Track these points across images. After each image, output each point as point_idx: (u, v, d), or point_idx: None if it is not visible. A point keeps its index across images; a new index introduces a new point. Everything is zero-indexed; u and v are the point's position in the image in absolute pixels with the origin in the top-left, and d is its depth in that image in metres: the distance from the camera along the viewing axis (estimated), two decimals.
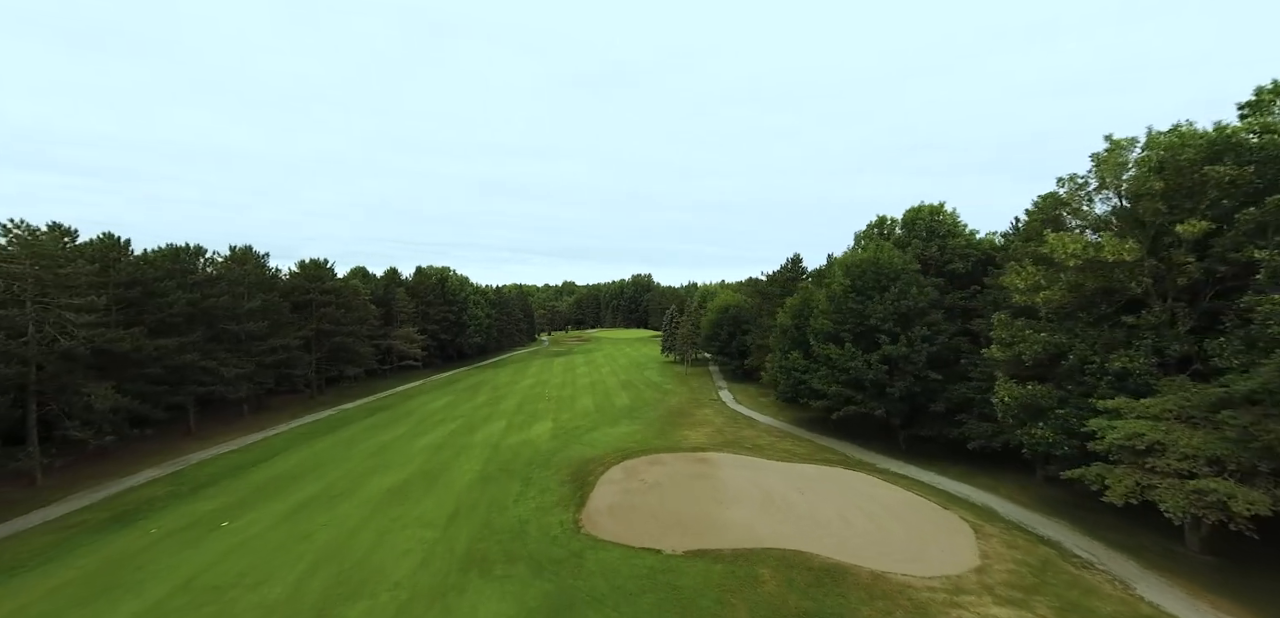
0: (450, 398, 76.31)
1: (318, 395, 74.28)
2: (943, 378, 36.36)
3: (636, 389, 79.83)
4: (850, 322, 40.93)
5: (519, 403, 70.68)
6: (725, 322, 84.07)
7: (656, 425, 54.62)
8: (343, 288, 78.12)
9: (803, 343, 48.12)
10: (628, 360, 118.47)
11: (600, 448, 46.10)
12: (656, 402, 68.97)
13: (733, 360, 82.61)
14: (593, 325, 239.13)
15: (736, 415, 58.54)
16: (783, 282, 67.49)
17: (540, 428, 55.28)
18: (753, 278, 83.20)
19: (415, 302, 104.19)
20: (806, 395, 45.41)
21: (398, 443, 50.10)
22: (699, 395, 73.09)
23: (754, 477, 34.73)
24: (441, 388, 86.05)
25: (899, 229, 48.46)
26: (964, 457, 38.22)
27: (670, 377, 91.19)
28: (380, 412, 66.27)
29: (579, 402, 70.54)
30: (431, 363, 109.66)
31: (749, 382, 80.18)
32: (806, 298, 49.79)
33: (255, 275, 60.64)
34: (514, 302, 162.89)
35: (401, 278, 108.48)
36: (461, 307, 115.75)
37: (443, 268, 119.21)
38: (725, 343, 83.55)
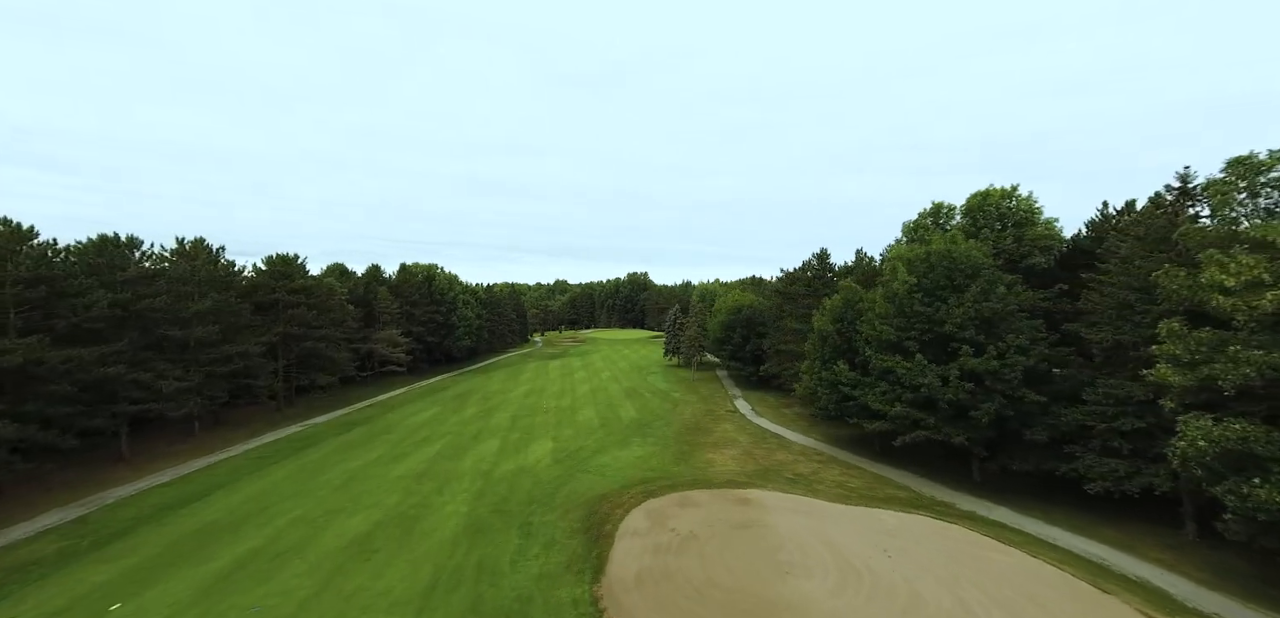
0: (436, 409, 68.10)
1: (286, 408, 65.71)
2: (1046, 399, 29.01)
3: (643, 398, 72.13)
4: (917, 328, 33.52)
5: (513, 416, 62.66)
6: (737, 324, 76.61)
7: (674, 446, 46.97)
8: (315, 287, 69.54)
9: (849, 351, 40.71)
10: (628, 364, 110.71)
11: (613, 478, 38.33)
12: (667, 414, 61.33)
13: (746, 366, 75.19)
14: (587, 325, 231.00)
15: (763, 433, 51.00)
16: (808, 281, 60.05)
17: (539, 450, 47.38)
18: (757, 276, 76.59)
19: (399, 302, 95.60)
20: (857, 414, 37.97)
21: (370, 471, 41.93)
22: (713, 406, 65.55)
23: (817, 528, 27.16)
24: (427, 397, 77.69)
25: (959, 217, 41.20)
26: (1064, 496, 30.96)
27: (677, 383, 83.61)
28: (355, 427, 57.91)
29: (581, 414, 62.67)
30: (417, 368, 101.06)
31: (766, 390, 72.79)
32: (850, 299, 42.37)
33: (206, 272, 52.04)
34: (506, 301, 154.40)
35: (384, 276, 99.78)
36: (450, 307, 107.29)
37: (429, 265, 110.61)
38: (738, 347, 76.10)
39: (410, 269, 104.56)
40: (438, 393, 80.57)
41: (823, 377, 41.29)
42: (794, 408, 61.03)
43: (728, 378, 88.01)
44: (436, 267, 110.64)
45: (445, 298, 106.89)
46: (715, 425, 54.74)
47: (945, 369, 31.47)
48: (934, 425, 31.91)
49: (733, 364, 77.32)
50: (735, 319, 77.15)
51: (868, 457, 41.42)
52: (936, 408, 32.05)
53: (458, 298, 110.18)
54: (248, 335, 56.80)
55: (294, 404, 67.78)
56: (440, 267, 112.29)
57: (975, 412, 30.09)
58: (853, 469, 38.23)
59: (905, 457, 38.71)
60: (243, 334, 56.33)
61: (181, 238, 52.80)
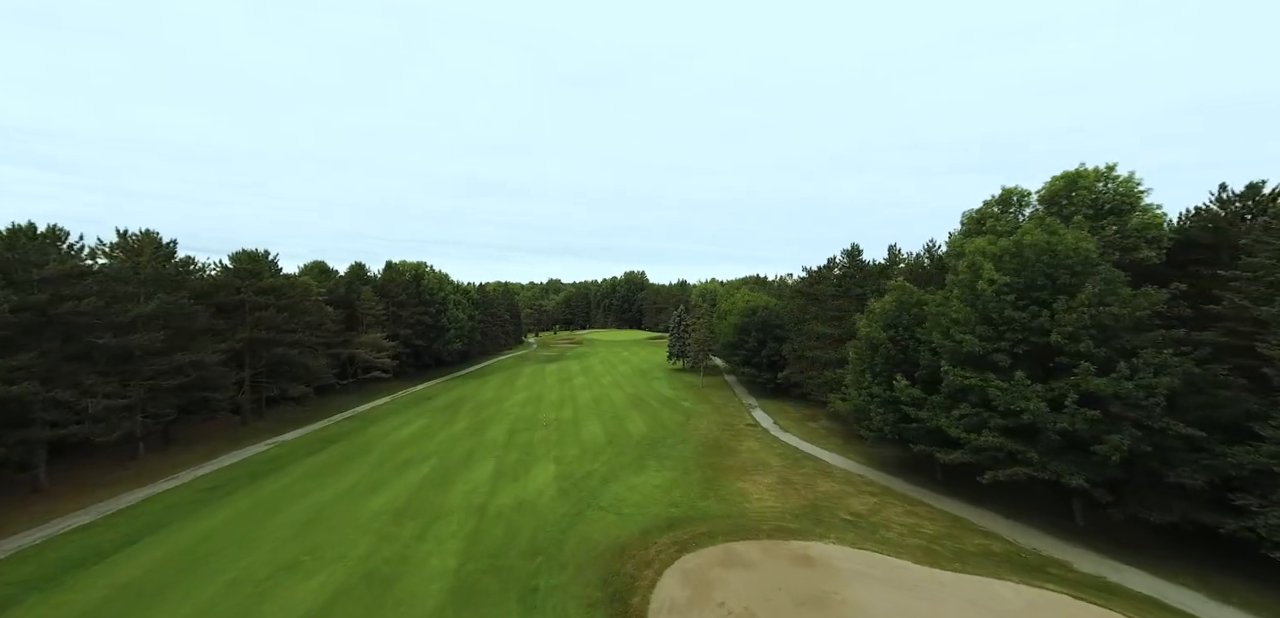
0: (423, 422, 60.92)
1: (253, 422, 58.23)
2: (1204, 434, 22.52)
3: (651, 409, 65.37)
4: (1008, 338, 27.00)
5: (509, 430, 55.63)
6: (752, 327, 70.03)
7: (696, 470, 40.27)
8: (287, 286, 62.06)
9: (906, 363, 34.17)
10: (630, 368, 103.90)
11: (632, 517, 31.56)
12: (681, 428, 54.62)
13: (761, 373, 68.62)
14: (582, 325, 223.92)
15: (794, 453, 44.38)
16: (837, 280, 53.51)
17: (540, 475, 40.47)
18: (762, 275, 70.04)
19: (384, 302, 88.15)
20: (923, 440, 31.43)
21: (340, 506, 34.83)
22: (730, 418, 58.91)
23: (915, 610, 20.48)
24: (413, 407, 70.41)
25: (1036, 205, 34.79)
26: (1223, 556, 24.59)
27: (685, 390, 76.92)
28: (329, 446, 50.63)
29: (585, 428, 55.79)
30: (404, 373, 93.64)
31: (785, 398, 66.27)
32: (904, 300, 35.82)
33: (153, 270, 44.60)
34: (499, 301, 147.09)
35: (369, 275, 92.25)
36: (439, 308, 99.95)
37: (418, 263, 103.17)
38: (753, 352, 69.52)
39: (397, 268, 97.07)
40: (426, 403, 73.29)
41: (875, 393, 34.69)
42: (820, 421, 54.54)
43: (738, 384, 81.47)
44: (425, 265, 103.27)
45: (435, 298, 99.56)
46: (738, 443, 48.08)
47: (1055, 390, 24.95)
48: (1038, 461, 25.38)
49: (746, 370, 70.69)
50: (749, 322, 70.56)
51: (928, 486, 34.91)
52: (1039, 438, 25.53)
53: (448, 298, 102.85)
54: (205, 342, 49.41)
55: (263, 418, 60.28)
56: (430, 265, 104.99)
57: (1099, 446, 23.58)
58: (918, 506, 31.65)
59: (979, 488, 32.17)
60: (199, 341, 48.96)
61: (124, 230, 45.32)
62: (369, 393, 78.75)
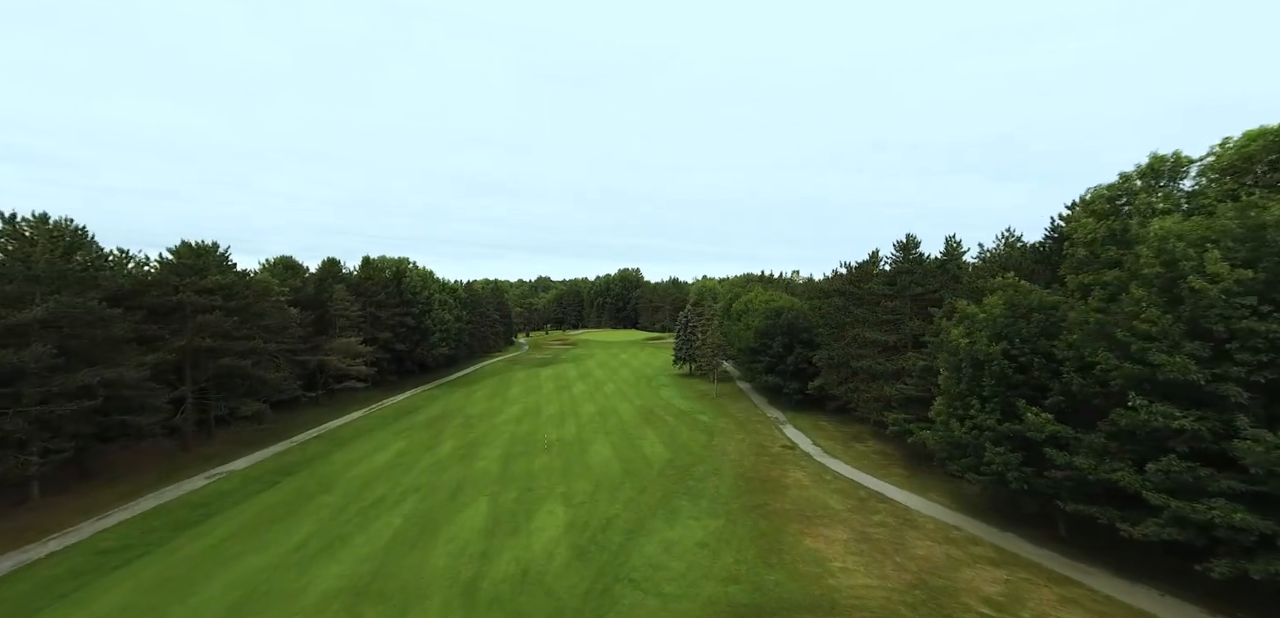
0: (402, 443, 51.71)
1: (197, 446, 48.53)
2: None
3: (665, 424, 56.80)
4: (1243, 360, 18.77)
5: (504, 455, 46.70)
6: (777, 332, 61.76)
7: (743, 516, 31.81)
8: (238, 285, 52.29)
9: (1032, 387, 25.97)
10: (632, 373, 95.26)
11: (679, 603, 23.00)
12: (705, 451, 46.20)
13: (787, 381, 60.38)
14: (575, 325, 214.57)
15: (854, 488, 36.10)
16: (889, 278, 45.32)
17: (547, 524, 31.69)
18: (768, 273, 62.17)
19: (361, 303, 78.41)
20: (1080, 497, 23.13)
21: (279, 583, 25.75)
22: (759, 436, 50.60)
23: None
24: (391, 423, 61.02)
25: (1201, 176, 26.78)
26: None
27: (698, 399, 68.49)
28: (283, 479, 41.28)
29: (593, 451, 47.08)
30: (383, 381, 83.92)
31: (818, 411, 58.10)
32: (1017, 302, 27.58)
33: (47, 266, 34.88)
34: (488, 300, 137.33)
35: (343, 272, 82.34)
36: (423, 308, 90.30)
37: (399, 260, 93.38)
38: (777, 359, 61.26)
39: (375, 265, 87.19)
40: (406, 418, 63.88)
41: (986, 425, 26.41)
42: (867, 442, 46.40)
43: (755, 392, 73.30)
44: (408, 261, 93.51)
45: (418, 298, 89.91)
46: (781, 473, 39.71)
47: None
48: None
49: (768, 379, 62.39)
50: (773, 326, 62.28)
51: (1053, 544, 26.78)
52: None
53: (433, 297, 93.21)
54: (129, 354, 39.83)
55: (210, 440, 50.56)
56: (413, 262, 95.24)
57: None
58: (1071, 587, 23.29)
59: (1141, 555, 23.97)
60: (122, 352, 39.40)
61: (13, 214, 35.54)
62: (341, 406, 69.07)
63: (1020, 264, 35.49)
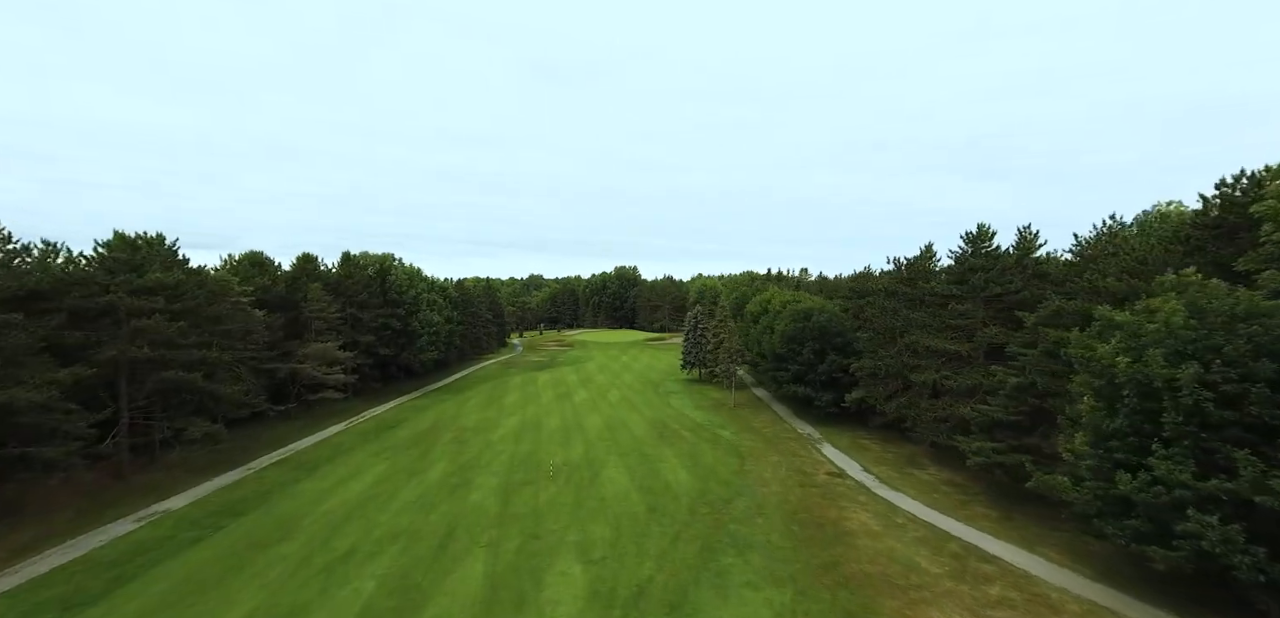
0: (382, 467, 44.04)
1: (133, 475, 40.45)
2: None
3: (684, 441, 49.62)
4: None
5: (502, 485, 39.20)
6: (807, 336, 54.73)
7: (813, 581, 24.69)
8: (189, 285, 44.24)
9: (1242, 427, 18.89)
10: (636, 378, 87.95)
11: None
12: (738, 477, 39.12)
13: (819, 392, 53.40)
14: (570, 324, 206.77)
15: (941, 537, 29.08)
16: (960, 276, 38.36)
17: (560, 596, 24.27)
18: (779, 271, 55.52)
19: (340, 303, 70.33)
20: None
21: None
22: (797, 459, 43.58)
23: None
24: (371, 440, 53.16)
25: None
26: None
27: (716, 411, 61.33)
28: (228, 523, 33.42)
29: (607, 478, 39.75)
30: (365, 389, 75.92)
31: (855, 427, 51.23)
32: (1194, 304, 20.58)
33: None
34: (480, 298, 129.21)
35: (320, 269, 74.12)
36: (410, 309, 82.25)
37: (383, 256, 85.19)
38: (807, 367, 54.25)
39: (356, 261, 78.94)
40: (389, 434, 56.02)
41: (1174, 479, 19.19)
42: (927, 468, 39.48)
43: (774, 400, 66.37)
44: (392, 257, 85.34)
45: (404, 297, 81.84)
46: (838, 512, 32.65)
47: None
48: None
49: (796, 389, 55.34)
50: (802, 330, 55.23)
51: None
52: None
53: (420, 297, 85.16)
54: (34, 368, 31.82)
55: (152, 467, 42.49)
56: (398, 258, 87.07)
57: None
58: None
59: None
60: (24, 366, 31.40)
61: None
62: (315, 420, 61.00)
63: (1145, 256, 28.58)
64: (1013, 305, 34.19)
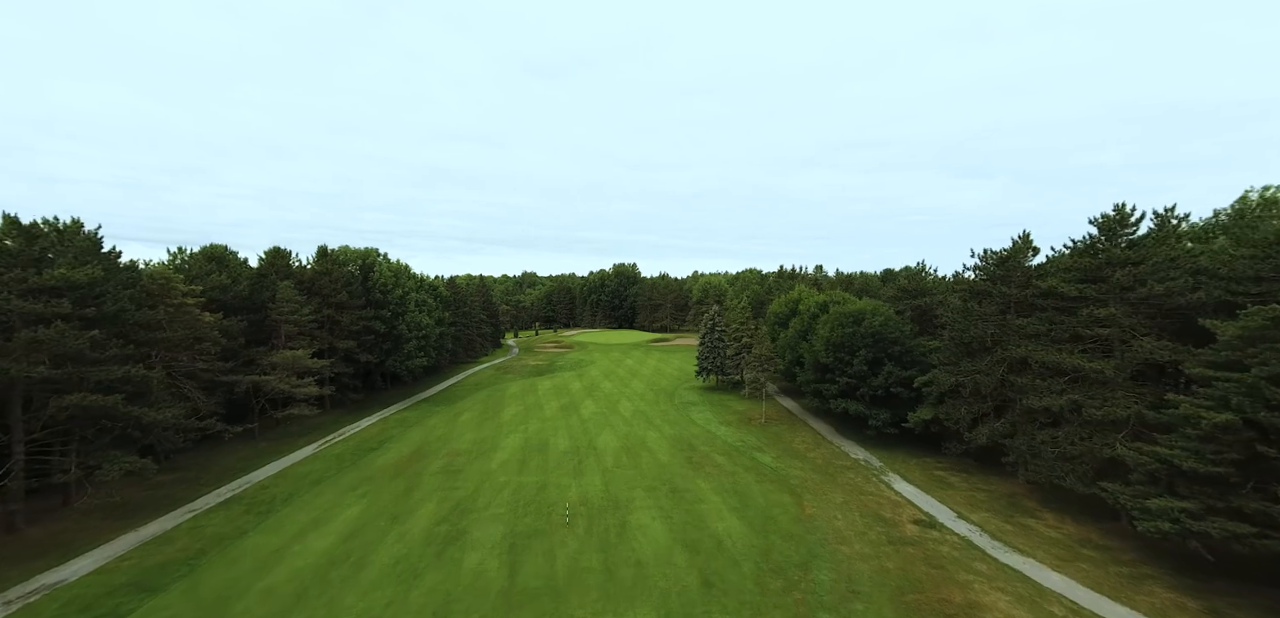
0: (356, 511, 35.20)
1: (27, 529, 31.25)
2: None
3: (719, 471, 41.20)
4: None
5: (507, 543, 30.47)
6: (860, 344, 46.54)
7: None
8: (108, 286, 34.97)
9: None
10: (647, 385, 79.39)
11: None
12: (802, 529, 30.84)
13: (874, 410, 45.25)
14: (566, 323, 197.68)
15: None
16: (1094, 272, 30.09)
17: None
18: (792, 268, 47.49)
19: (315, 303, 61.06)
20: None
21: None
22: (866, 498, 35.36)
23: None
24: (346, 470, 44.18)
25: None
26: None
27: (743, 427, 52.94)
28: (129, 611, 24.49)
29: (638, 531, 31.20)
30: (344, 400, 66.67)
31: (922, 452, 43.18)
32: None
33: None
34: (473, 297, 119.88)
35: (294, 265, 64.72)
36: (396, 309, 73.00)
37: (366, 251, 75.74)
38: (859, 379, 46.08)
39: (335, 256, 69.49)
40: (368, 460, 47.01)
41: None
42: (1042, 514, 31.40)
43: (808, 414, 58.20)
44: (377, 252, 75.90)
45: (390, 297, 72.55)
46: (968, 593, 24.42)
47: None
48: None
49: (845, 404, 47.14)
50: (854, 335, 47.01)
51: None
52: None
53: (408, 297, 75.88)
54: None
55: (59, 516, 33.26)
56: (383, 254, 77.62)
57: None
58: None
59: None
60: None
61: None
62: (283, 441, 51.84)
63: None
64: (1184, 311, 26.13)
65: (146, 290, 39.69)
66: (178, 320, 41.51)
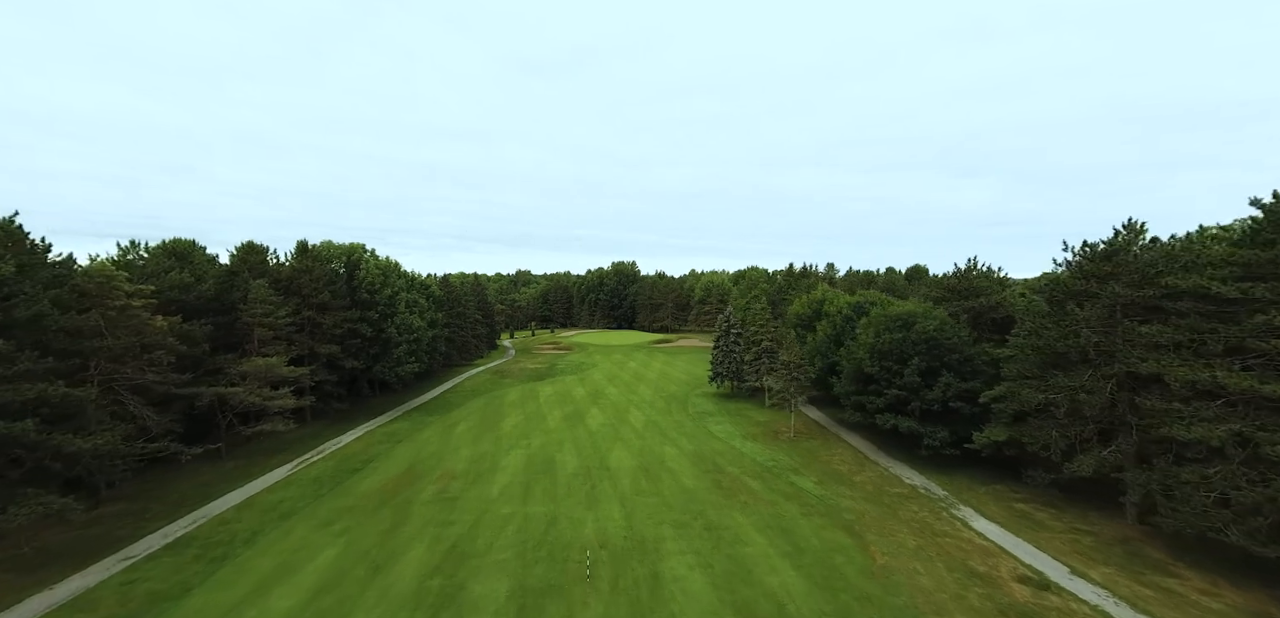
0: (328, 556, 28.91)
1: None
2: None
3: (754, 496, 35.25)
4: None
5: (514, 604, 24.29)
6: (910, 350, 40.78)
7: None
8: (19, 286, 28.39)
9: None
10: (655, 391, 73.37)
11: None
12: (878, 589, 25.06)
13: (930, 427, 39.50)
14: (563, 322, 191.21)
15: None
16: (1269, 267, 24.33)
17: None
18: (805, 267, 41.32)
19: (293, 303, 54.48)
20: None
21: None
22: (939, 539, 29.56)
23: None
24: (323, 499, 37.77)
25: None
26: None
27: (770, 442, 47.10)
28: None
29: (674, 585, 25.19)
30: (326, 410, 60.13)
31: (991, 477, 37.53)
32: None
33: None
34: (468, 296, 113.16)
35: (270, 262, 58.06)
36: (385, 310, 66.43)
37: (352, 246, 69.07)
38: (910, 391, 40.30)
39: (317, 253, 62.77)
40: (349, 485, 40.61)
41: None
42: (1185, 575, 25.67)
43: (839, 426, 52.47)
44: (362, 247, 69.22)
45: (378, 297, 65.94)
46: None
47: None
48: None
49: (893, 420, 41.28)
50: (903, 342, 41.24)
51: None
52: None
53: (398, 296, 69.30)
54: None
55: None
56: (371, 249, 70.95)
57: None
58: None
59: None
60: None
61: None
62: (253, 461, 45.35)
63: None
64: None
65: (79, 290, 33.12)
66: (121, 326, 34.93)
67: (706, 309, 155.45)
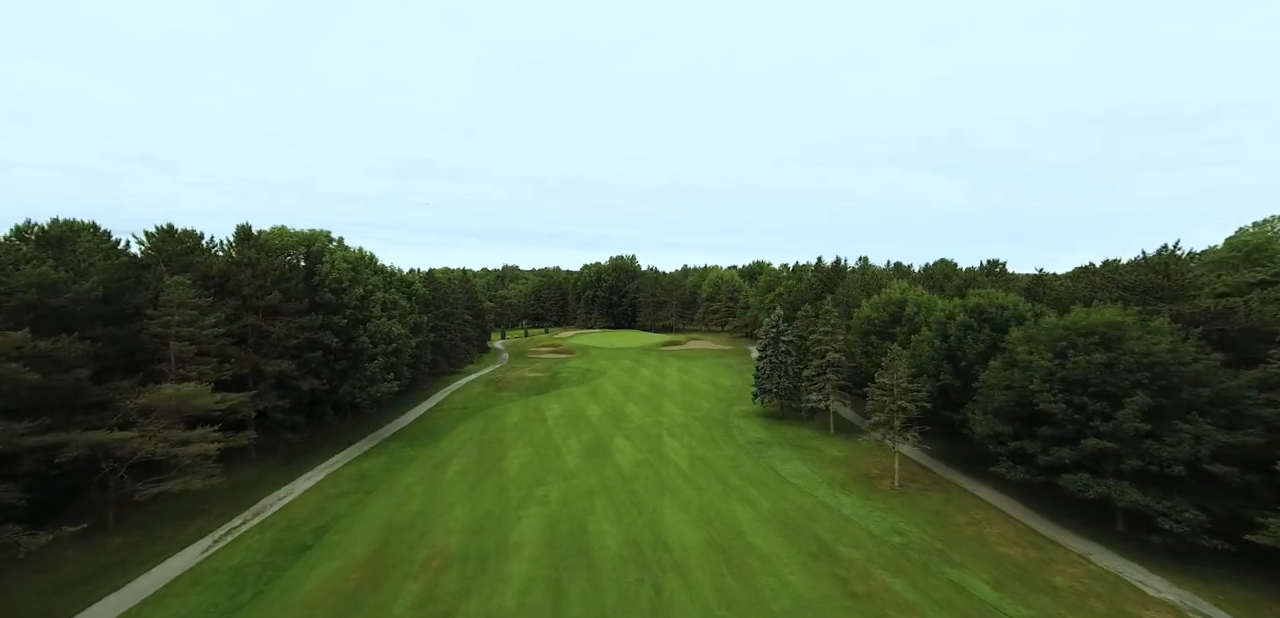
0: None
1: None
2: None
3: (903, 608, 22.15)
4: None
5: None
6: (1126, 377, 27.94)
7: None
8: None
9: None
10: (685, 411, 59.97)
11: None
12: None
13: (1157, 497, 26.71)
14: (558, 321, 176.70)
15: None
16: None
17: None
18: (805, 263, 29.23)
19: (229, 307, 39.90)
20: None
21: None
22: None
23: None
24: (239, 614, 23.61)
25: None
26: None
27: (862, 490, 34.26)
28: None
29: None
30: (276, 446, 45.54)
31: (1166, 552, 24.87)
32: None
33: None
34: (456, 295, 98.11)
35: (204, 252, 43.18)
36: (356, 316, 51.78)
37: (313, 234, 54.13)
38: (1127, 442, 27.44)
39: (264, 241, 47.86)
40: (276, 592, 26.45)
41: None
42: None
43: (970, 477, 39.88)
44: (326, 235, 54.37)
45: (347, 298, 51.28)
46: None
47: None
48: None
49: (1098, 485, 28.35)
50: (1107, 367, 28.40)
51: None
52: None
53: (373, 297, 54.63)
54: None
55: None
56: (338, 238, 56.07)
57: None
58: None
59: None
60: None
61: None
62: (150, 539, 30.89)
63: None
64: None
65: None
66: None
67: (715, 308, 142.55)
